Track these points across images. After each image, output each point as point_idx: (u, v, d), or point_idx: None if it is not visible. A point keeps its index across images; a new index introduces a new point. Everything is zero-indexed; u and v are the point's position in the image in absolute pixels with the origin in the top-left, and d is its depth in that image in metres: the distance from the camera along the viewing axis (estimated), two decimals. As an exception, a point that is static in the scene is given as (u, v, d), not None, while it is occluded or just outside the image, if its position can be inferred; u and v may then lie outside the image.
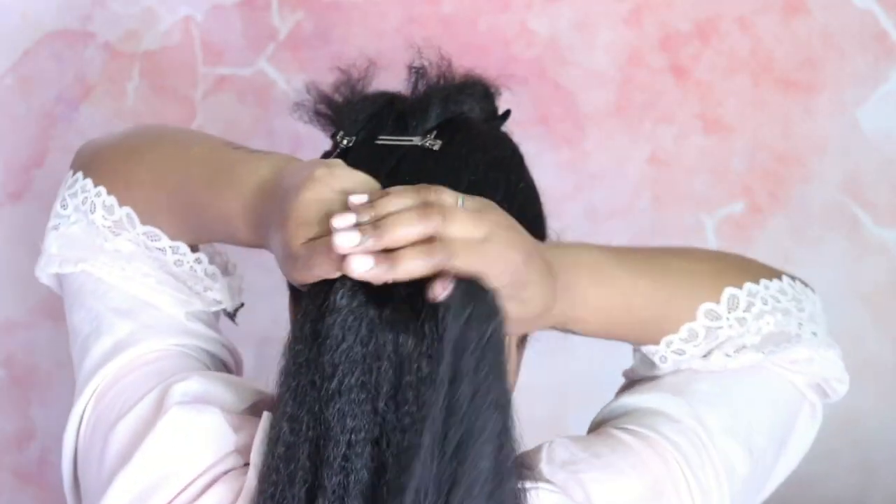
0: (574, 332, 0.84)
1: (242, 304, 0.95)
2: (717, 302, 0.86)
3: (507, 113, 0.92)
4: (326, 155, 0.88)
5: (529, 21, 1.45)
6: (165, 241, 0.89)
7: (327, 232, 0.71)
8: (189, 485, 0.80)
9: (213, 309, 0.93)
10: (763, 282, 0.88)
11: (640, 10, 1.44)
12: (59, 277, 0.94)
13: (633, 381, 0.93)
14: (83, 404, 0.88)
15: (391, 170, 0.82)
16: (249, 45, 1.46)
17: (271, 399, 0.85)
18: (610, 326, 0.84)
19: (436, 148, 0.84)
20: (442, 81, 0.88)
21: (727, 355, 0.86)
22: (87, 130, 1.47)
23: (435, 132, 0.85)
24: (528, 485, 0.76)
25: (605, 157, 1.46)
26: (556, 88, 1.45)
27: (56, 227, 0.92)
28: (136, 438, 0.82)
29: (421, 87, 0.88)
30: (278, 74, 1.46)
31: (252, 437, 0.81)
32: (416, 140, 0.84)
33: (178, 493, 0.80)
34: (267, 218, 0.78)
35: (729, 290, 0.86)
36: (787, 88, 1.44)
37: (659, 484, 0.82)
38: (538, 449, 0.83)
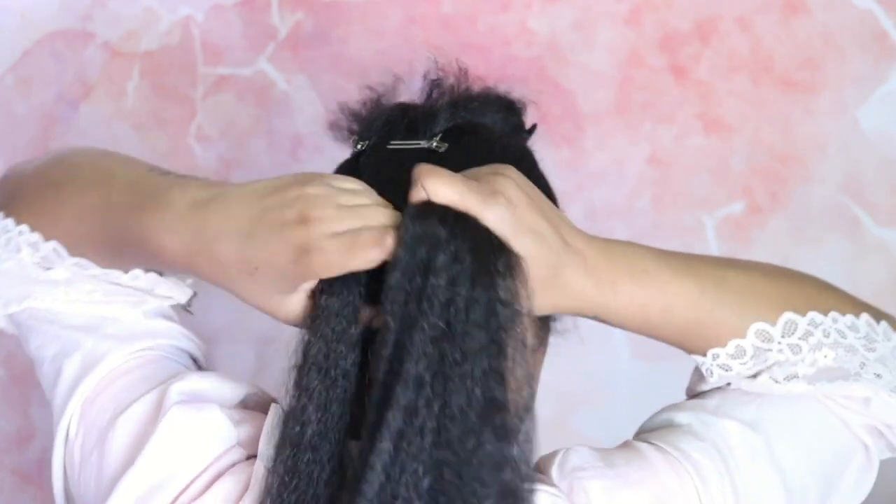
0: (608, 323, 0.83)
1: (195, 294, 0.95)
2: (773, 324, 0.83)
3: (534, 127, 0.93)
4: (343, 164, 0.89)
5: (529, 21, 1.45)
6: (96, 270, 0.90)
7: (356, 224, 0.75)
8: (194, 480, 0.81)
9: (167, 304, 0.93)
10: (833, 314, 0.85)
11: (640, 10, 1.44)
12: (10, 318, 0.94)
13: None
14: (67, 421, 0.88)
15: (395, 171, 0.83)
16: (249, 45, 1.46)
17: (261, 393, 0.87)
18: (645, 324, 0.83)
19: (441, 150, 0.85)
20: (456, 91, 0.90)
21: (775, 381, 0.84)
22: (87, 130, 1.47)
23: (442, 136, 0.86)
24: (528, 486, 0.76)
25: (605, 156, 1.46)
26: (556, 88, 1.45)
27: None
28: (138, 441, 0.83)
29: (435, 96, 0.89)
30: (278, 74, 1.46)
31: (254, 430, 0.82)
32: (424, 143, 0.85)
33: (184, 490, 0.81)
34: (207, 228, 0.79)
35: (788, 315, 0.83)
36: (787, 88, 1.44)
37: (667, 499, 0.81)
38: (554, 454, 0.83)
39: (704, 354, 0.84)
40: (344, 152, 0.91)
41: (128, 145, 1.47)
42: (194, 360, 0.93)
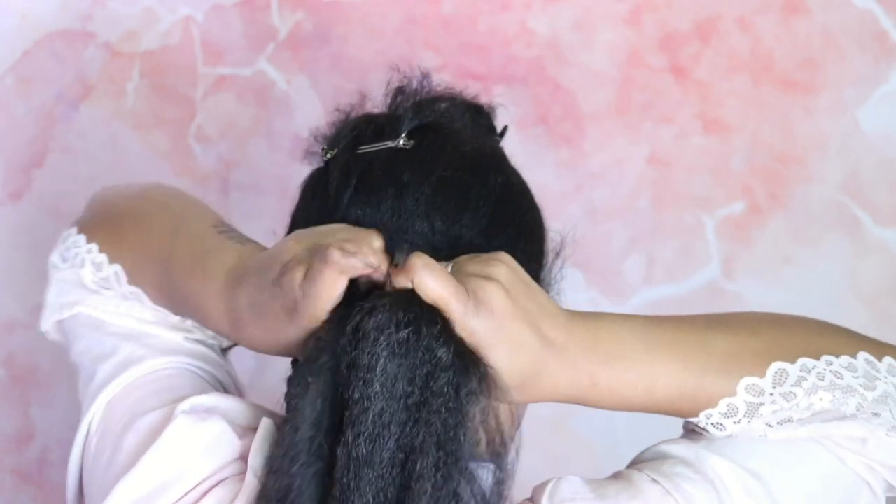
0: (592, 406, 0.83)
1: (237, 343, 0.97)
2: (762, 376, 0.82)
3: (505, 129, 0.93)
4: (313, 172, 0.90)
5: (529, 21, 1.45)
6: (148, 303, 0.93)
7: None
8: (190, 490, 0.81)
9: (211, 342, 0.95)
10: (826, 357, 0.83)
11: (640, 10, 1.44)
12: (60, 324, 0.97)
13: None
14: (89, 419, 0.90)
15: (364, 170, 0.84)
16: (249, 45, 1.46)
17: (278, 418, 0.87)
18: (627, 406, 0.82)
19: (408, 147, 0.85)
20: (419, 94, 0.90)
21: (768, 425, 0.83)
22: (87, 130, 1.47)
23: (408, 134, 0.86)
24: None
25: (605, 156, 1.46)
26: (556, 88, 1.45)
27: (52, 279, 0.98)
28: (143, 446, 0.84)
29: (400, 101, 0.90)
30: (278, 74, 1.46)
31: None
32: (390, 143, 0.86)
33: (179, 498, 0.81)
34: (239, 303, 0.82)
35: (776, 365, 0.82)
36: (787, 88, 1.44)
37: None
38: (545, 484, 0.83)
39: (697, 416, 0.84)
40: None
41: (128, 145, 1.47)
42: (226, 391, 0.95)
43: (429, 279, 0.74)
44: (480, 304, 0.75)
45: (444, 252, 0.81)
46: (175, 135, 1.48)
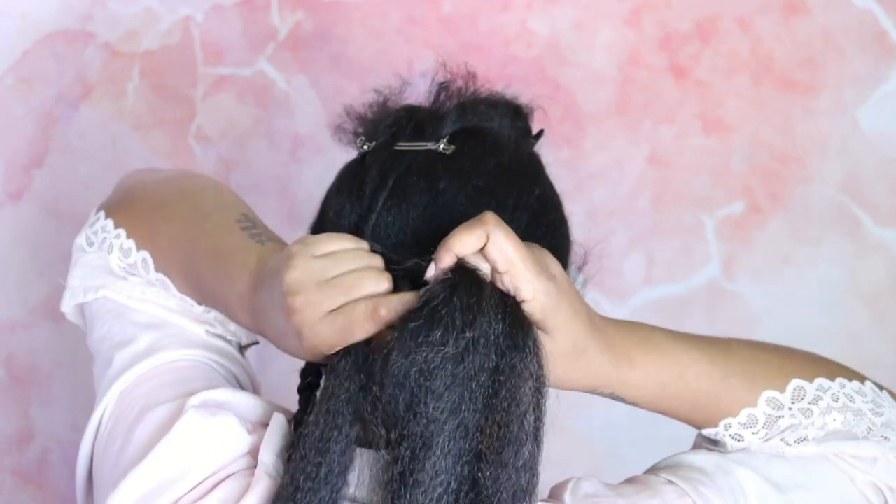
0: (622, 400, 0.84)
1: (257, 342, 0.96)
2: (782, 391, 0.85)
3: (541, 132, 0.93)
4: (349, 164, 0.89)
5: (529, 21, 1.45)
6: (174, 291, 0.92)
7: (344, 299, 0.76)
8: (198, 484, 0.82)
9: (231, 338, 0.95)
10: (840, 380, 0.87)
11: (640, 10, 1.44)
12: (82, 307, 0.96)
13: None
14: (103, 408, 0.90)
15: (403, 171, 0.84)
16: (249, 45, 1.46)
17: (290, 415, 0.87)
18: (659, 397, 0.84)
19: (448, 152, 0.84)
20: (464, 94, 0.89)
21: (786, 443, 0.85)
22: (87, 130, 1.47)
23: (449, 138, 0.86)
24: None
25: (605, 156, 1.46)
26: (556, 88, 1.45)
27: (77, 262, 0.96)
28: (153, 439, 0.84)
29: (443, 99, 0.89)
30: (278, 74, 1.46)
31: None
32: (430, 145, 0.85)
33: (188, 492, 0.81)
34: (259, 305, 0.82)
35: (796, 381, 0.85)
36: (787, 88, 1.44)
37: None
38: (566, 482, 0.84)
39: (716, 426, 0.85)
40: (346, 154, 0.90)
41: (128, 145, 1.47)
42: (241, 388, 0.94)
43: (506, 238, 0.74)
44: (546, 269, 0.76)
45: None
46: (175, 135, 1.48)
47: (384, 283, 0.77)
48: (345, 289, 0.76)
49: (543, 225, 0.85)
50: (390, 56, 1.44)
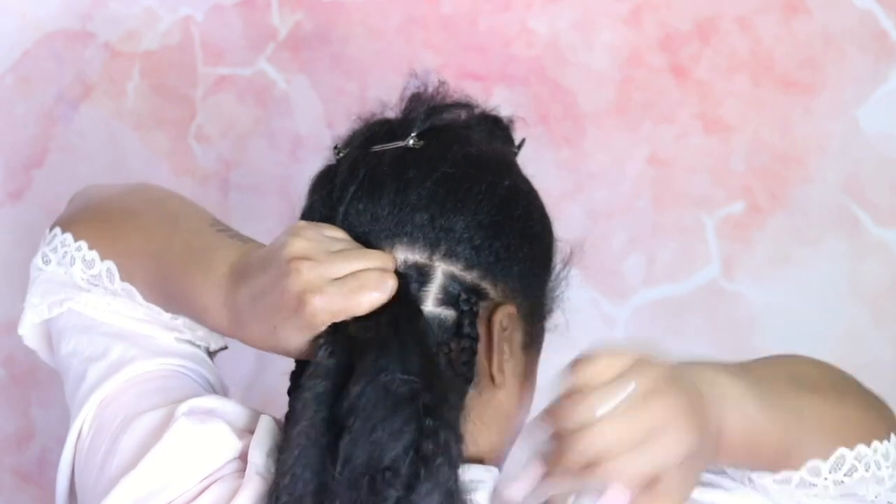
0: (718, 463, 0.82)
1: (226, 347, 0.97)
2: (825, 459, 0.82)
3: (522, 142, 0.93)
4: (323, 169, 0.90)
5: (529, 21, 1.45)
6: (140, 300, 0.92)
7: (352, 268, 0.79)
8: (188, 489, 0.82)
9: (200, 343, 0.95)
10: (875, 444, 0.84)
11: (640, 10, 1.44)
12: (46, 325, 0.96)
13: None
14: (81, 419, 0.90)
15: (373, 165, 0.85)
16: (249, 45, 1.46)
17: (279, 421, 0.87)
18: (753, 453, 0.80)
19: (417, 147, 0.86)
20: (433, 100, 0.90)
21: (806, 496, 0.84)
22: (87, 130, 1.47)
23: (419, 135, 0.87)
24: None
25: (605, 156, 1.46)
26: (556, 88, 1.45)
27: (35, 280, 0.96)
28: (143, 448, 0.84)
29: (414, 107, 0.90)
30: (278, 74, 1.46)
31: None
32: (401, 143, 0.86)
33: (178, 496, 0.81)
34: (241, 300, 0.82)
35: (840, 451, 0.83)
36: (787, 88, 1.44)
37: None
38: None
39: (761, 470, 0.83)
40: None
41: (128, 145, 1.47)
42: (215, 392, 0.94)
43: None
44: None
45: (443, 245, 0.82)
46: (175, 135, 1.48)
47: (390, 261, 0.79)
48: (353, 258, 0.78)
49: (514, 215, 0.85)
50: (390, 56, 1.44)
